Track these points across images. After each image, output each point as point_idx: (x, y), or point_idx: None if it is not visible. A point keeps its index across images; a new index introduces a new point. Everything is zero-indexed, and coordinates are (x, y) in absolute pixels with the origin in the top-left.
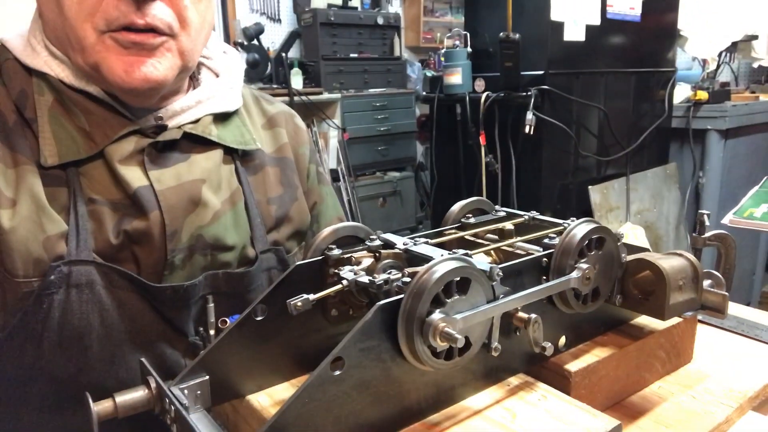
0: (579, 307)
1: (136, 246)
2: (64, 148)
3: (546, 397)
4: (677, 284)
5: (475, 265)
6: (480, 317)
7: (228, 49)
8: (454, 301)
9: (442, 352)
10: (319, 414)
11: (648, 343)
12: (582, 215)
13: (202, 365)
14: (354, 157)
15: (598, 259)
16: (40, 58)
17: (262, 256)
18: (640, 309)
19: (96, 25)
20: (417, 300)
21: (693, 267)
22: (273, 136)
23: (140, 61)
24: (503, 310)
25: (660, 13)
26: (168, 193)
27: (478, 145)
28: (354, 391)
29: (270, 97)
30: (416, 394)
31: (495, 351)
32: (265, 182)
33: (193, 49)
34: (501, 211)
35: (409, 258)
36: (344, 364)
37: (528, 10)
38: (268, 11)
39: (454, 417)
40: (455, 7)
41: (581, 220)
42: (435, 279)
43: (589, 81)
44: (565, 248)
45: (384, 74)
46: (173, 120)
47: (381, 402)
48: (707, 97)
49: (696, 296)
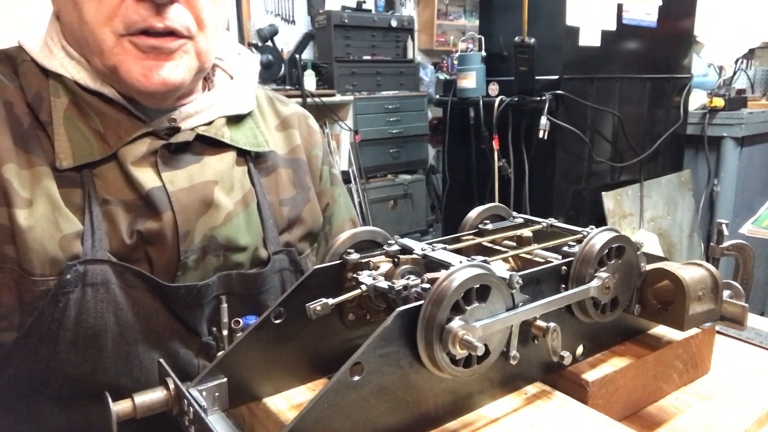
0: (598, 317)
1: (149, 246)
2: (79, 150)
3: (563, 406)
4: (696, 294)
5: (494, 272)
6: (499, 325)
7: (243, 50)
8: (474, 309)
9: (460, 360)
10: (337, 419)
11: (666, 354)
12: (595, 222)
13: (220, 367)
14: (365, 159)
15: (618, 268)
16: (56, 59)
17: (274, 257)
18: (659, 319)
19: (115, 29)
20: (437, 307)
21: (713, 277)
22: (286, 137)
23: (159, 65)
24: (522, 318)
25: (676, 19)
26: (180, 194)
27: (491, 150)
28: (372, 396)
29: (284, 98)
30: (434, 401)
31: (513, 359)
32: (277, 184)
33: (209, 50)
34: (519, 217)
35: (427, 264)
36: (363, 369)
37: (543, 15)
38: (283, 13)
39: (472, 425)
40: (469, 10)
41: (601, 229)
42: (455, 286)
43: (604, 86)
44: (585, 257)
45: (397, 77)
46: (186, 122)
47: (398, 408)
48: (723, 104)
49: (715, 307)
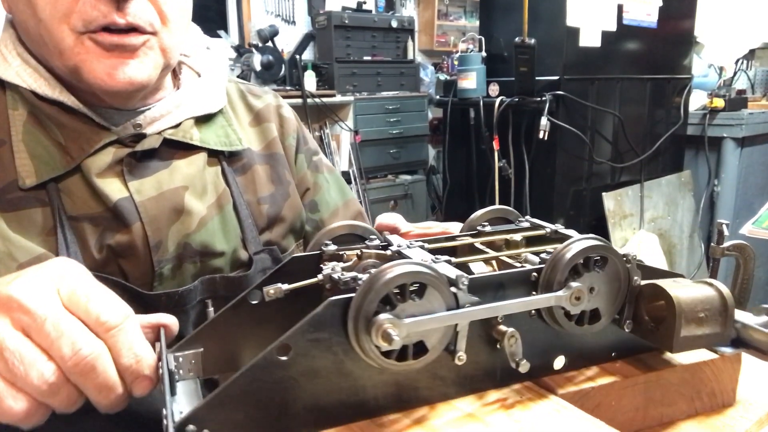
0: (571, 328)
1: (121, 260)
2: (42, 165)
3: (559, 411)
4: (695, 315)
5: (437, 271)
6: (433, 324)
7: (212, 43)
8: (408, 305)
9: (393, 353)
10: (263, 393)
11: (664, 377)
12: (596, 222)
13: (197, 338)
14: (366, 160)
15: (599, 279)
16: (12, 68)
17: (255, 257)
18: (650, 338)
19: (73, 26)
20: (365, 299)
21: (721, 298)
22: (261, 132)
23: (123, 63)
24: (464, 319)
25: (677, 19)
26: (149, 203)
27: (491, 150)
28: (302, 377)
29: (257, 89)
30: (373, 390)
31: (459, 360)
32: (254, 181)
33: (174, 45)
34: (525, 221)
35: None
36: (291, 351)
37: (544, 15)
38: (283, 13)
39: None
40: (469, 11)
41: (581, 237)
42: (385, 280)
43: (604, 87)
44: (555, 264)
45: (397, 77)
46: (152, 126)
47: (333, 392)
48: (723, 105)
49: (721, 331)
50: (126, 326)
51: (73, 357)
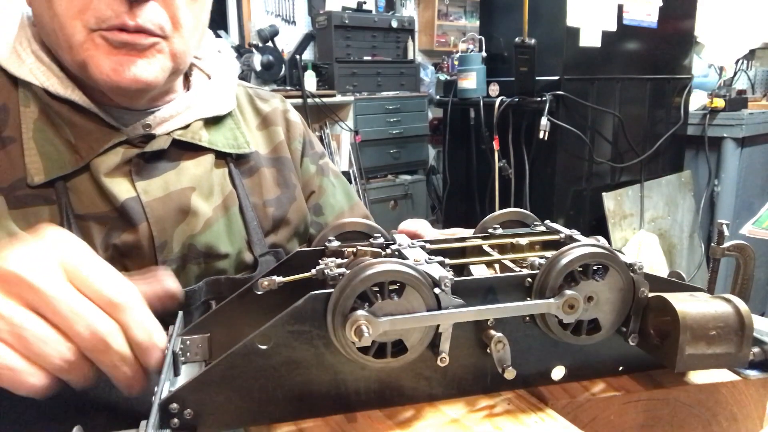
0: (566, 337)
1: (126, 259)
2: (51, 163)
3: (544, 420)
4: (705, 332)
5: (418, 271)
6: (411, 323)
7: (223, 47)
8: (386, 303)
9: (370, 349)
10: (244, 379)
11: (673, 395)
12: (596, 222)
13: (205, 324)
14: (366, 160)
15: (598, 288)
16: (26, 65)
17: (261, 259)
18: (655, 353)
19: (86, 23)
20: (341, 294)
21: (738, 316)
22: (268, 135)
23: (130, 61)
24: (444, 321)
25: (677, 19)
26: (155, 203)
27: (491, 150)
28: (283, 367)
29: (265, 93)
30: (355, 384)
31: (441, 361)
32: (261, 184)
33: (185, 51)
34: (540, 225)
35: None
36: (271, 341)
37: (544, 15)
38: (283, 13)
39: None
40: (470, 11)
41: (582, 242)
42: (362, 277)
43: (604, 87)
44: (549, 270)
45: (397, 77)
46: (162, 126)
47: (314, 383)
48: (723, 105)
49: (736, 351)
50: (134, 303)
51: (90, 337)
